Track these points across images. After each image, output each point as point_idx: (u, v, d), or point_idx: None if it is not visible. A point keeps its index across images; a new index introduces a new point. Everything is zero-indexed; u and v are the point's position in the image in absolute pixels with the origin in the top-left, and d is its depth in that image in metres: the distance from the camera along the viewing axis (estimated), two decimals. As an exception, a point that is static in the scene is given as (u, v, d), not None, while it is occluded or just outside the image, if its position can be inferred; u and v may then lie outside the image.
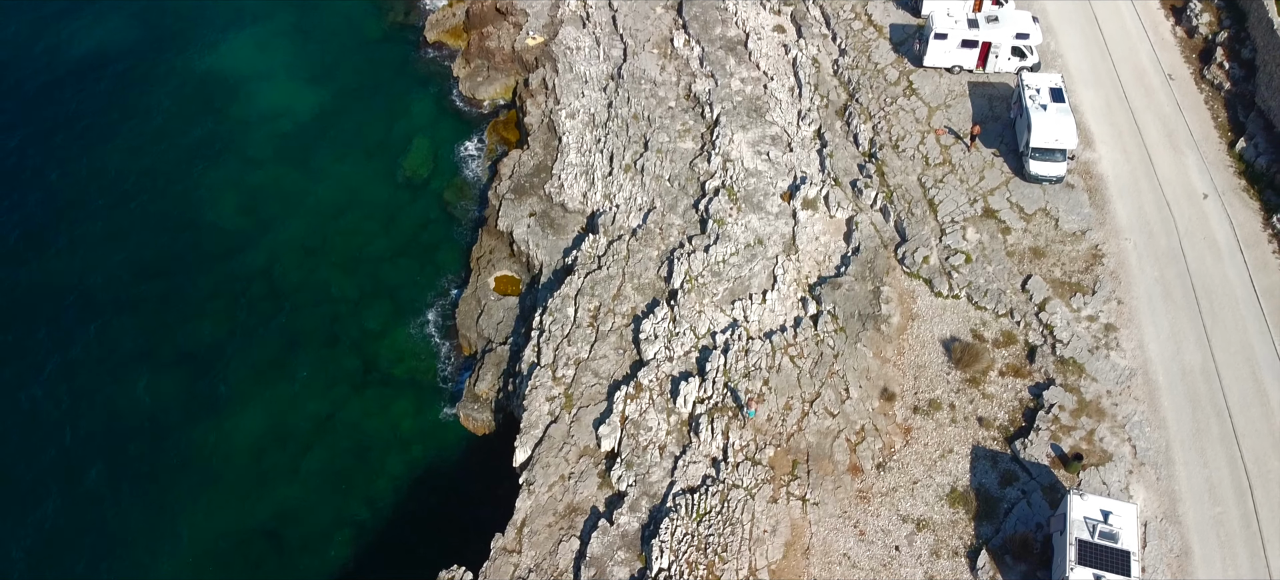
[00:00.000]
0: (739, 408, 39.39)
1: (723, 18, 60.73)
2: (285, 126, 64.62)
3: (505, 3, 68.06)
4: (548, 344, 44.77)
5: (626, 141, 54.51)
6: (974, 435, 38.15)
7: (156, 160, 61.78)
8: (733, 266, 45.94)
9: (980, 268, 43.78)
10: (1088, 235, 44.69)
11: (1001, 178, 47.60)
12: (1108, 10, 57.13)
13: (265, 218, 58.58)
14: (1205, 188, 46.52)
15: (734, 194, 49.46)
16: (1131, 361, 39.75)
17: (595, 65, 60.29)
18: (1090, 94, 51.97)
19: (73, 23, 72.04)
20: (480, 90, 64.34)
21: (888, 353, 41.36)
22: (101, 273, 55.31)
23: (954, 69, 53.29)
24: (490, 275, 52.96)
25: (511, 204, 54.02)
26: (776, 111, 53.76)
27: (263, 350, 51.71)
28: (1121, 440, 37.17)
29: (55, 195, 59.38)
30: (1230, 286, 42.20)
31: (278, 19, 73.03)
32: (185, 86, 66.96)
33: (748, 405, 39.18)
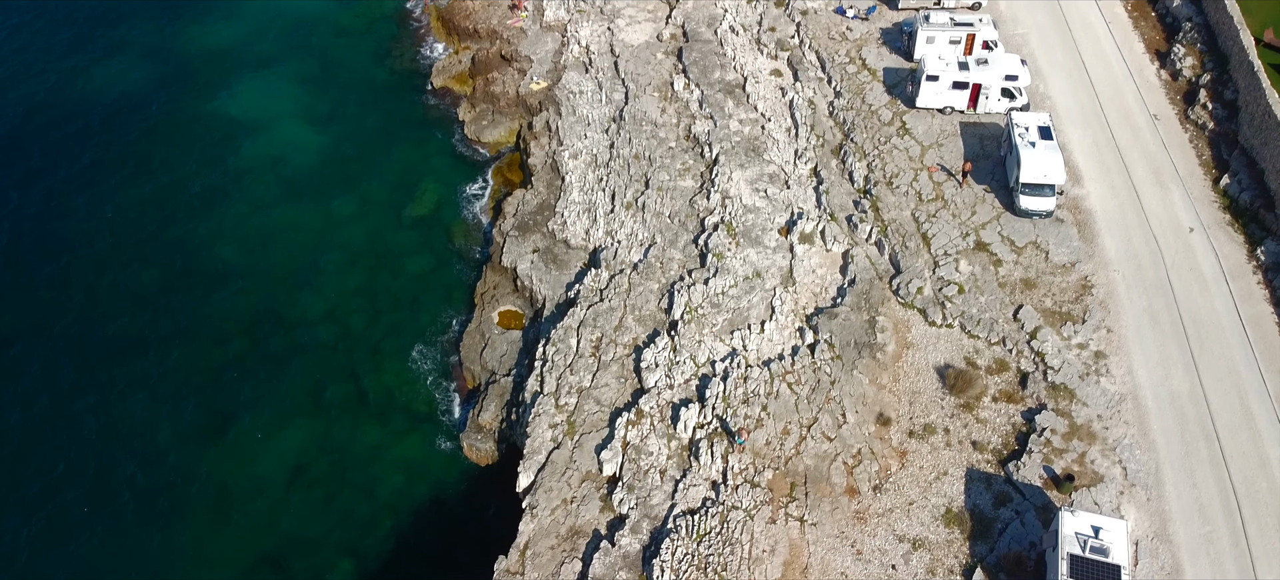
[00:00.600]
0: (730, 436, 40.67)
1: (721, 62, 63.34)
2: (293, 169, 66.73)
3: (510, 50, 70.93)
4: (551, 373, 46.25)
5: (628, 180, 56.59)
6: (968, 458, 39.44)
7: (165, 201, 63.81)
8: (732, 298, 47.63)
9: (973, 298, 45.48)
10: (1077, 267, 46.47)
11: (993, 213, 49.54)
12: (1094, 54, 59.72)
13: (272, 257, 60.36)
14: (1191, 222, 48.43)
15: (733, 229, 51.35)
16: (1121, 387, 41.19)
17: (598, 108, 62.68)
18: (1078, 133, 54.21)
19: (86, 67, 75.05)
20: (485, 133, 66.60)
21: (883, 380, 42.82)
22: (110, 309, 56.94)
23: (946, 110, 55.62)
24: (494, 310, 54.60)
25: (515, 240, 55.88)
26: (774, 151, 55.95)
27: (268, 384, 53.04)
28: (1112, 462, 38.45)
29: (65, 233, 61.28)
30: (1217, 316, 43.83)
31: (287, 66, 75.85)
32: (195, 130, 69.35)
33: (738, 433, 40.49)
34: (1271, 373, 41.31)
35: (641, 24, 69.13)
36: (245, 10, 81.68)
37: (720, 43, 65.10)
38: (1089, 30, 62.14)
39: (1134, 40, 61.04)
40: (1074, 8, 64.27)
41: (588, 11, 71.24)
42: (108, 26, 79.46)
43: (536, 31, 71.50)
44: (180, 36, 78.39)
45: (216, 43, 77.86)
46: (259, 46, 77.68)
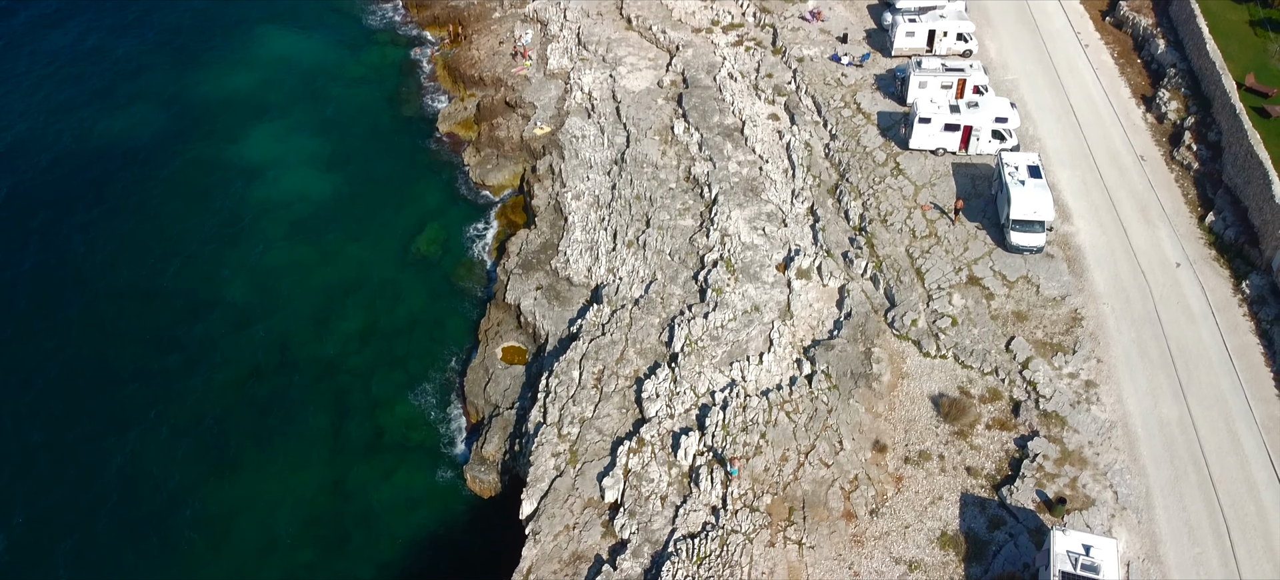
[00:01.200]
0: (724, 466, 41.92)
1: (720, 107, 65.81)
2: (301, 211, 68.73)
3: (514, 97, 73.53)
4: (553, 404, 47.68)
5: (629, 219, 58.58)
6: (963, 483, 40.70)
7: (176, 240, 65.71)
8: (731, 331, 49.25)
9: (966, 330, 47.10)
10: (1067, 300, 48.18)
11: (985, 248, 51.40)
12: (1082, 99, 62.20)
13: (280, 295, 62.01)
14: (1177, 257, 50.29)
15: (732, 265, 53.17)
16: (1111, 414, 42.61)
17: (600, 151, 64.97)
18: (1067, 173, 56.34)
19: (105, 115, 77.74)
20: (490, 177, 68.77)
21: (879, 408, 44.25)
22: (118, 344, 58.43)
23: (938, 151, 57.87)
24: (498, 346, 56.10)
25: (519, 278, 57.66)
26: (771, 191, 58.05)
27: (274, 418, 54.34)
28: (1104, 486, 39.72)
29: (83, 273, 63.10)
30: (1204, 347, 45.41)
31: (297, 114, 78.45)
32: (209, 175, 71.56)
33: (731, 463, 41.77)
34: (1258, 401, 42.76)
35: (642, 71, 71.85)
36: (258, 61, 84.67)
37: (719, 89, 67.67)
38: (1077, 76, 64.73)
39: (1120, 86, 63.58)
40: (1062, 55, 67.00)
41: (590, 60, 74.03)
42: (126, 77, 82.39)
43: (540, 79, 74.17)
44: (195, 86, 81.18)
45: (230, 91, 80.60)
46: (271, 95, 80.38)
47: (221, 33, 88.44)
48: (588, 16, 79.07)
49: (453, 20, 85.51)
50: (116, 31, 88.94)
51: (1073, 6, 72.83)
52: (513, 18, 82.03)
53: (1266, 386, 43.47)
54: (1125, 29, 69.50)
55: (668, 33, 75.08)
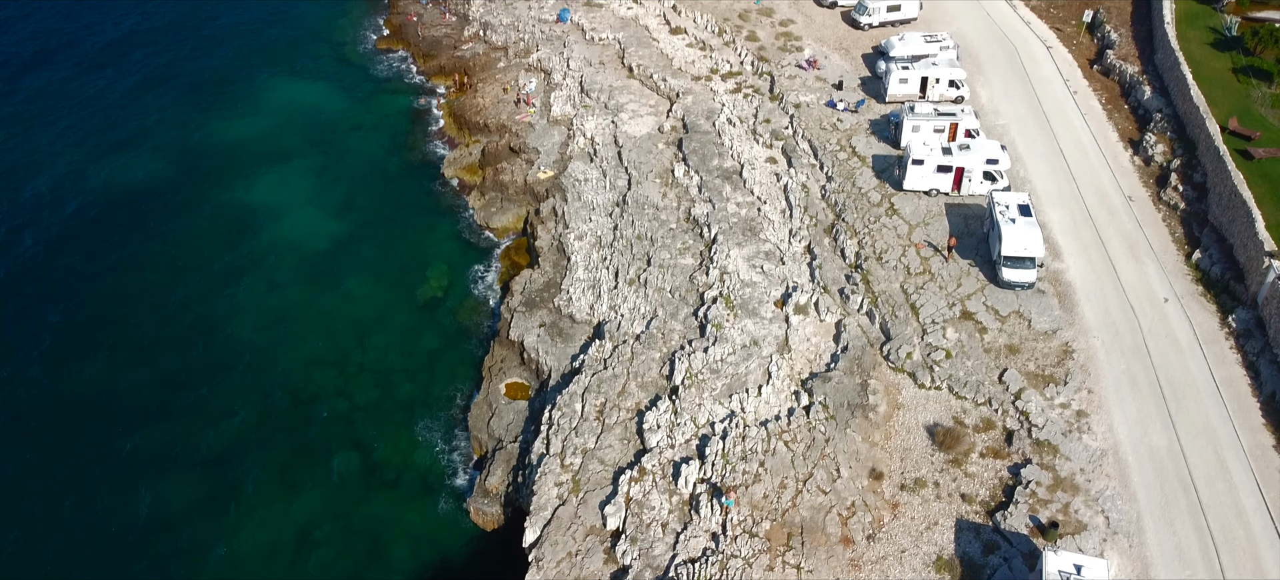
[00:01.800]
0: (719, 497, 43.08)
1: (719, 151, 68.08)
2: (308, 252, 70.60)
3: (518, 142, 75.92)
4: (556, 436, 49.00)
5: (630, 259, 60.43)
6: (958, 509, 41.88)
7: (186, 282, 67.47)
8: (730, 364, 50.75)
9: (960, 362, 48.61)
10: (1058, 334, 49.76)
11: (977, 285, 53.14)
12: (1071, 142, 64.47)
13: (287, 334, 63.54)
14: (1165, 293, 52.02)
15: (731, 302, 54.85)
16: (1102, 443, 43.94)
17: (602, 194, 67.08)
18: (1057, 213, 58.32)
19: (115, 158, 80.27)
20: (494, 219, 70.80)
21: (876, 438, 45.58)
22: (127, 383, 59.76)
23: (931, 192, 59.92)
24: (501, 382, 57.50)
25: (522, 316, 59.28)
26: (769, 230, 59.98)
27: (280, 454, 55.47)
28: (1095, 512, 40.90)
29: (91, 312, 64.73)
30: (1192, 377, 46.88)
31: (304, 159, 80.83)
32: (216, 217, 73.66)
33: (727, 494, 42.96)
34: (1245, 429, 44.12)
35: (644, 117, 74.33)
36: (269, 109, 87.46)
37: (718, 133, 70.05)
38: (1066, 121, 67.13)
39: (1108, 130, 65.95)
40: (1052, 101, 69.51)
41: (593, 106, 76.60)
42: (136, 121, 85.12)
43: (544, 125, 76.67)
44: (204, 131, 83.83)
45: (238, 136, 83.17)
46: (278, 140, 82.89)
47: (234, 83, 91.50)
48: (590, 65, 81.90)
49: (458, 70, 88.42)
50: (135, 81, 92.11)
51: (1062, 55, 75.67)
52: (517, 67, 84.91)
53: (1253, 416, 44.87)
54: (1112, 76, 72.14)
55: (668, 80, 77.80)
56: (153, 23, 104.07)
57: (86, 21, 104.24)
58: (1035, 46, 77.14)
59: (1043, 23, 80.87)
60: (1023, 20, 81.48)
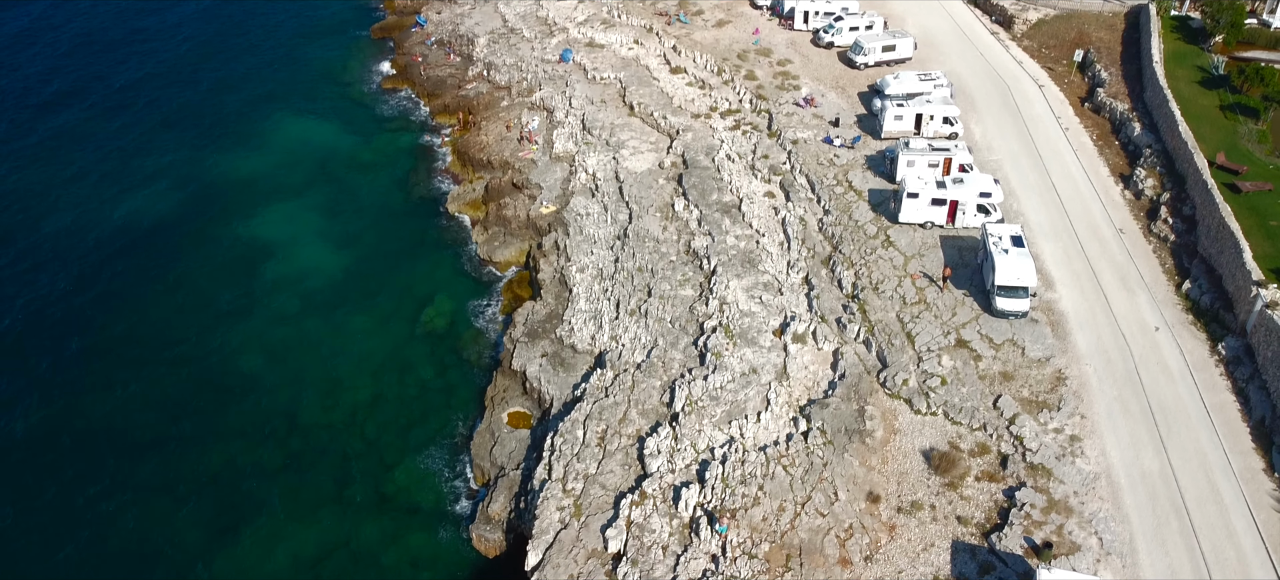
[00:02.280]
0: (712, 524, 43.92)
1: (718, 186, 69.78)
2: (313, 286, 72.05)
3: (521, 178, 77.70)
4: (558, 462, 49.98)
5: (631, 290, 61.79)
6: (953, 531, 42.76)
7: (195, 315, 68.82)
8: (729, 391, 51.86)
9: (955, 389, 49.75)
10: (1051, 361, 50.96)
11: (972, 314, 54.43)
12: (1063, 177, 66.19)
13: (292, 365, 64.70)
14: (1156, 322, 53.30)
15: (730, 331, 56.10)
16: (1095, 466, 44.93)
17: (603, 228, 68.64)
18: (1050, 245, 59.81)
19: (126, 194, 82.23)
20: (497, 254, 72.28)
21: (872, 462, 46.57)
22: (137, 412, 60.91)
23: (926, 224, 61.48)
24: (504, 411, 58.55)
25: (525, 346, 60.48)
26: (768, 262, 61.43)
27: (285, 483, 56.36)
28: (1089, 533, 41.78)
29: (101, 344, 66.04)
30: (1183, 404, 47.99)
31: (311, 195, 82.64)
32: (224, 251, 75.25)
33: (720, 520, 43.82)
34: (1236, 453, 45.14)
35: (644, 154, 76.17)
36: (274, 145, 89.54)
37: (717, 169, 71.82)
38: (1058, 157, 68.91)
39: (1099, 165, 67.69)
40: (1044, 138, 71.38)
41: (594, 143, 78.49)
42: (152, 160, 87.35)
43: (546, 162, 78.49)
44: (215, 169, 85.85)
45: (246, 173, 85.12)
46: (285, 177, 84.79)
47: (244, 123, 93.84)
48: (592, 104, 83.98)
49: (462, 108, 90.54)
50: (152, 122, 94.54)
51: (1053, 94, 77.73)
52: (520, 106, 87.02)
53: (1243, 440, 45.90)
54: (1103, 113, 74.11)
55: (668, 118, 79.80)
56: (168, 67, 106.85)
57: (105, 66, 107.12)
58: (1027, 85, 79.23)
59: (1035, 62, 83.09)
60: (1015, 60, 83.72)
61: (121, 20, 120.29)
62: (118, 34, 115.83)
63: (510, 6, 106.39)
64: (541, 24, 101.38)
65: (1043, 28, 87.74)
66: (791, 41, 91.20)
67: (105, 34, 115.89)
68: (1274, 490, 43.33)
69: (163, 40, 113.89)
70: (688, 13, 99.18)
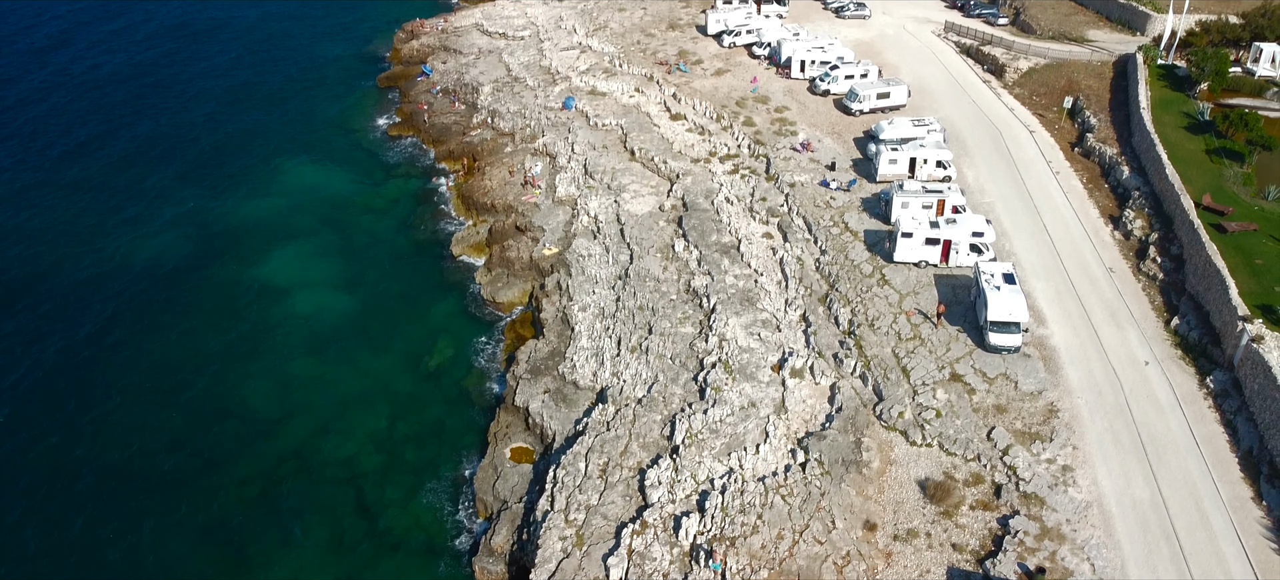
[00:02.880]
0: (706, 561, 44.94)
1: (718, 227, 71.77)
2: (320, 326, 73.64)
3: (524, 221, 79.73)
4: (561, 493, 51.14)
5: (632, 328, 63.39)
6: (949, 558, 43.85)
7: (200, 354, 70.29)
8: (729, 424, 53.21)
9: (950, 421, 51.11)
10: (1044, 395, 52.38)
11: (966, 349, 55.97)
12: (1054, 219, 68.22)
13: (297, 404, 66.01)
14: (1146, 356, 54.88)
15: (729, 367, 57.59)
16: (1087, 495, 46.13)
17: (605, 268, 70.47)
18: (1042, 284, 61.58)
19: (134, 236, 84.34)
20: (500, 294, 73.96)
21: (869, 491, 47.76)
22: (145, 449, 62.05)
23: (920, 263, 63.31)
24: (506, 446, 59.75)
25: (527, 382, 61.90)
26: (766, 300, 63.14)
27: (289, 517, 57.32)
28: (1081, 559, 42.88)
29: (107, 381, 67.42)
30: (1172, 435, 49.32)
31: (317, 238, 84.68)
32: (231, 292, 77.01)
33: (713, 557, 44.86)
34: (1224, 482, 46.38)
35: (645, 197, 78.31)
36: (282, 190, 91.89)
37: (717, 211, 73.89)
38: (1049, 200, 71.00)
39: (1089, 207, 69.74)
40: (1035, 181, 73.56)
41: (596, 187, 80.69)
42: (163, 205, 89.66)
43: (549, 206, 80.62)
44: (225, 213, 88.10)
45: (256, 218, 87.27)
46: (294, 221, 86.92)
47: (255, 170, 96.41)
48: (594, 149, 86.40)
49: (467, 154, 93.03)
50: (169, 172, 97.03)
51: (1044, 139, 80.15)
52: (523, 151, 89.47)
53: (1232, 470, 47.17)
54: (1093, 158, 76.41)
55: (669, 163, 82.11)
56: (184, 118, 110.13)
57: (123, 117, 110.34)
58: (1019, 131, 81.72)
59: (1026, 109, 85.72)
60: (1007, 107, 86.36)
61: (139, 72, 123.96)
62: (135, 86, 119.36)
63: (514, 56, 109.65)
64: (544, 73, 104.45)
65: (1033, 76, 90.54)
66: (788, 90, 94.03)
67: (123, 85, 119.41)
68: (1262, 518, 44.51)
69: (178, 92, 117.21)
70: (687, 62, 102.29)
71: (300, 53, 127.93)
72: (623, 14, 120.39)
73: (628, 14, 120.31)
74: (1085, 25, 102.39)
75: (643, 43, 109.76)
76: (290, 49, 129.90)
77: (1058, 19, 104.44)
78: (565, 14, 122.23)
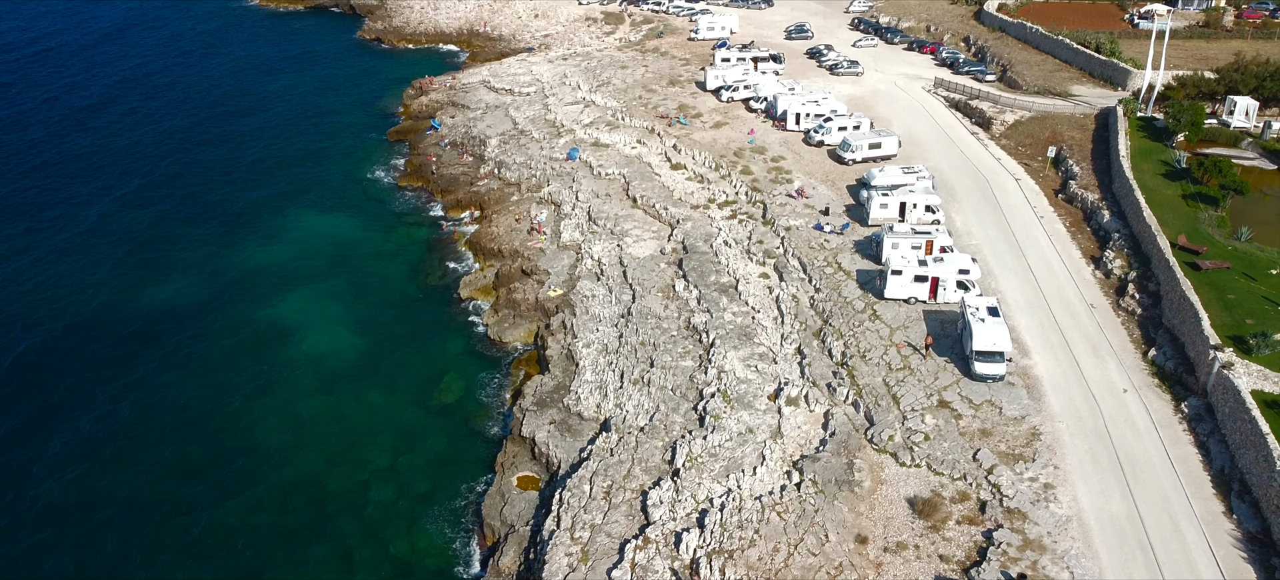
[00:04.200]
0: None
1: (717, 268, 75.57)
2: (331, 365, 76.89)
3: (530, 265, 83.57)
4: (566, 513, 54.02)
5: (635, 362, 66.75)
6: (936, 568, 46.66)
7: (216, 391, 73.43)
8: (727, 449, 56.33)
9: (937, 444, 54.25)
10: (1027, 419, 55.61)
11: (953, 378, 59.33)
12: (1038, 259, 72.16)
13: (309, 438, 68.92)
14: (1125, 384, 58.25)
15: (728, 396, 60.86)
16: (1067, 510, 49.11)
17: (608, 307, 74.07)
18: (1026, 318, 65.17)
19: (151, 280, 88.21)
20: (506, 334, 77.39)
21: (861, 508, 50.71)
22: (160, 480, 64.56)
23: (910, 300, 67.00)
24: (513, 475, 62.66)
25: (534, 414, 65.05)
26: (763, 335, 66.63)
27: (300, 546, 59.77)
28: (1062, 568, 45.72)
29: (126, 416, 70.43)
30: (1149, 456, 52.47)
31: (329, 282, 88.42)
32: (245, 332, 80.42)
33: None
34: (1197, 499, 49.41)
35: (646, 241, 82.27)
36: (294, 237, 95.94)
37: (715, 254, 77.76)
38: (1034, 242, 74.99)
39: (1072, 249, 73.69)
40: (1021, 225, 77.60)
41: (599, 233, 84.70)
42: (181, 251, 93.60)
43: (554, 250, 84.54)
44: (235, 256, 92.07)
45: (269, 262, 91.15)
46: (306, 266, 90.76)
47: (267, 217, 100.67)
48: (597, 197, 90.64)
49: (474, 203, 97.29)
50: (182, 216, 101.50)
51: (1029, 186, 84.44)
52: (529, 200, 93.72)
53: (1205, 487, 50.21)
54: (1075, 204, 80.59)
55: (669, 209, 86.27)
56: (201, 168, 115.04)
57: (139, 164, 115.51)
58: (1005, 179, 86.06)
59: (1012, 159, 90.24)
60: (994, 157, 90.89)
61: (151, 122, 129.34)
62: (152, 137, 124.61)
63: (520, 111, 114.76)
64: (550, 126, 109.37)
65: (1019, 128, 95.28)
66: (784, 141, 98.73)
67: (143, 137, 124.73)
68: (1233, 530, 47.44)
69: (197, 143, 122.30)
70: (687, 116, 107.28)
71: (315, 110, 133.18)
72: (625, 71, 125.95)
73: (629, 71, 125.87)
74: (1069, 81, 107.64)
75: (644, 98, 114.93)
76: (308, 107, 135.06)
77: (1043, 75, 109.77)
78: (569, 71, 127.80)
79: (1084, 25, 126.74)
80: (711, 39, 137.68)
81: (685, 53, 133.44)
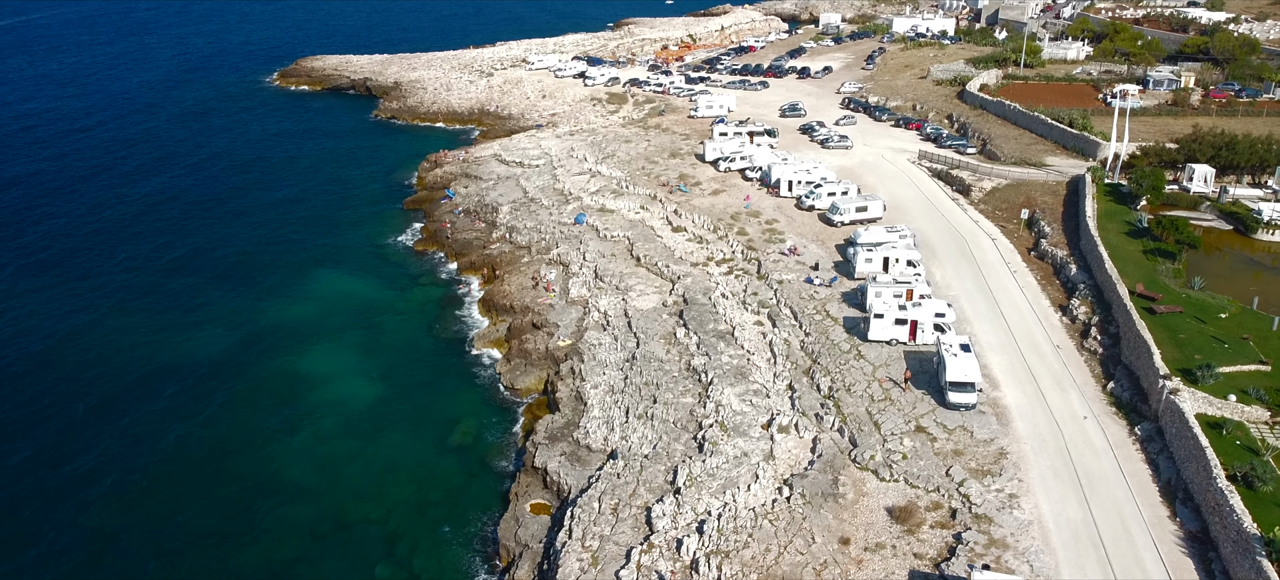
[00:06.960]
0: None
1: (715, 317, 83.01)
2: (351, 411, 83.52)
3: (540, 319, 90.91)
4: (578, 526, 60.31)
5: (639, 399, 73.64)
6: (911, 564, 52.98)
7: (243, 433, 79.70)
8: (724, 470, 62.92)
9: (914, 462, 60.92)
10: (995, 441, 62.40)
11: (929, 407, 66.30)
12: (1010, 307, 79.68)
13: (332, 476, 74.90)
14: (1085, 412, 65.05)
15: (725, 426, 67.65)
16: (1029, 516, 55.59)
17: (614, 354, 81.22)
18: (998, 357, 72.36)
19: (178, 335, 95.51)
20: (518, 381, 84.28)
21: (844, 516, 57.15)
22: (190, 513, 69.96)
23: (891, 341, 74.23)
24: (527, 502, 68.90)
25: (545, 447, 71.62)
26: (757, 374, 73.69)
27: (327, 571, 65.51)
28: (1022, 562, 52.06)
29: (158, 453, 76.54)
30: (1104, 471, 59.15)
31: (349, 336, 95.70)
32: (270, 382, 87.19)
33: None
34: (1146, 506, 55.98)
35: (650, 295, 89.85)
36: (316, 297, 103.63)
37: (713, 305, 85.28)
38: (1007, 292, 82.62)
39: (1042, 298, 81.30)
40: (996, 278, 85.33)
41: (605, 288, 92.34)
42: (210, 309, 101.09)
43: (562, 305, 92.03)
44: (264, 313, 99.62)
45: (292, 320, 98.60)
46: (327, 323, 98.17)
47: (289, 278, 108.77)
48: (603, 257, 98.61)
49: (487, 265, 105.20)
50: (208, 277, 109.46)
51: (1005, 245, 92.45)
52: (539, 261, 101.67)
53: (1153, 496, 56.77)
54: (1046, 260, 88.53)
55: (670, 267, 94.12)
56: (228, 234, 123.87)
57: (177, 236, 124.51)
58: (982, 239, 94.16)
59: (989, 221, 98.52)
60: (972, 220, 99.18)
61: (183, 195, 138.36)
62: (184, 208, 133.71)
63: (530, 181, 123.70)
64: (558, 194, 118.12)
65: (996, 194, 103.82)
66: (778, 206, 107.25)
67: (178, 212, 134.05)
68: (1176, 531, 53.85)
69: (228, 214, 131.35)
70: (687, 184, 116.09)
71: (337, 181, 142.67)
72: (628, 145, 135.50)
73: (633, 145, 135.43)
74: (1044, 153, 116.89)
75: (647, 168, 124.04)
76: (330, 179, 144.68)
77: (1020, 148, 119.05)
78: (577, 145, 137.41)
79: (1061, 104, 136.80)
80: (710, 116, 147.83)
81: (686, 129, 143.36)
